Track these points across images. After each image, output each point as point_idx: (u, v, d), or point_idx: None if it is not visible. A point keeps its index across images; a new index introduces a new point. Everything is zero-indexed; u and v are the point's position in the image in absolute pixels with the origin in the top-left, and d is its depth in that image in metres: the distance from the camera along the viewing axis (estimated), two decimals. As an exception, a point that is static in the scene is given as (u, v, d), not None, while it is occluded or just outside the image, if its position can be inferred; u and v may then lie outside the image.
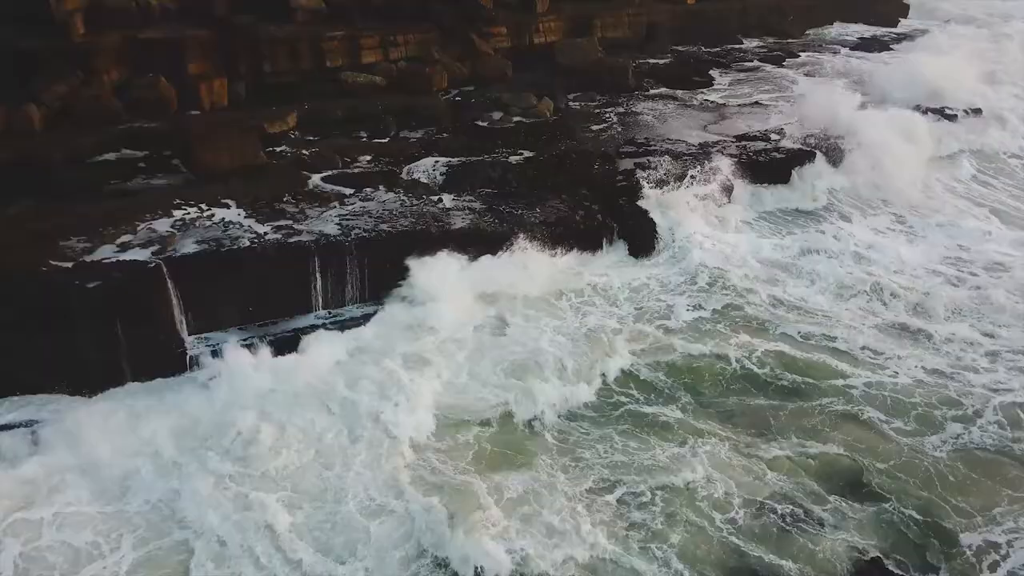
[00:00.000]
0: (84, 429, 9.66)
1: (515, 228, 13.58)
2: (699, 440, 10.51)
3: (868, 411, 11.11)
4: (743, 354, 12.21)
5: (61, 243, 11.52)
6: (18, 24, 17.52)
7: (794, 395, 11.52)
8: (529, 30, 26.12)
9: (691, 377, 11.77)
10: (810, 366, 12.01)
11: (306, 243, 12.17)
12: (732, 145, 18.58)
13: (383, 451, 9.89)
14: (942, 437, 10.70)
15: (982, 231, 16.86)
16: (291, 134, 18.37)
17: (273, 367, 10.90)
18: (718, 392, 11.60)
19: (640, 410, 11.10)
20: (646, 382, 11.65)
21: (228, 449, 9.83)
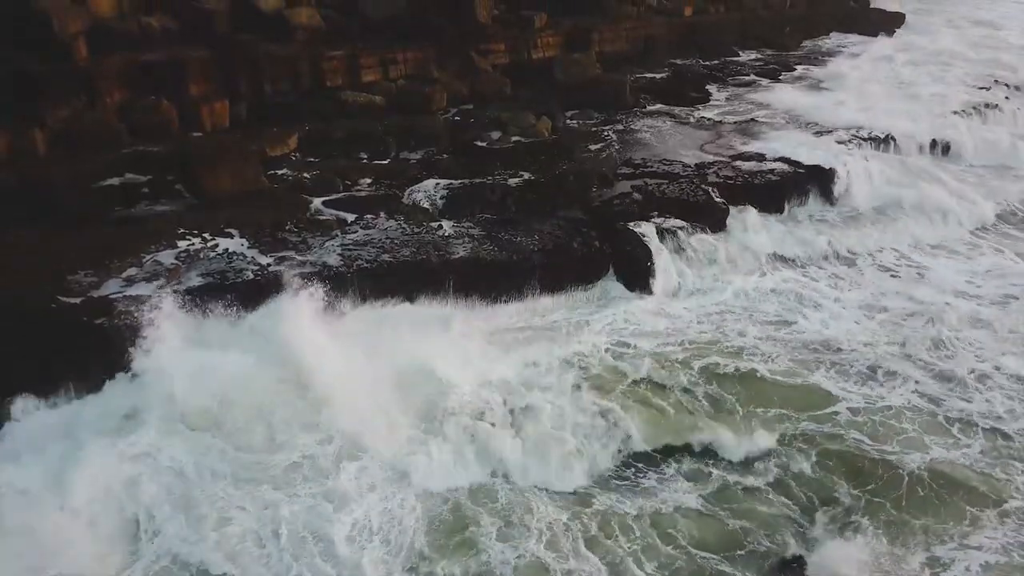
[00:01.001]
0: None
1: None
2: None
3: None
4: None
5: (69, 276, 11.70)
6: (22, 48, 17.65)
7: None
8: (527, 45, 26.35)
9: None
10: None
11: (309, 276, 12.36)
12: (727, 166, 18.81)
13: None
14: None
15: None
16: (292, 156, 18.59)
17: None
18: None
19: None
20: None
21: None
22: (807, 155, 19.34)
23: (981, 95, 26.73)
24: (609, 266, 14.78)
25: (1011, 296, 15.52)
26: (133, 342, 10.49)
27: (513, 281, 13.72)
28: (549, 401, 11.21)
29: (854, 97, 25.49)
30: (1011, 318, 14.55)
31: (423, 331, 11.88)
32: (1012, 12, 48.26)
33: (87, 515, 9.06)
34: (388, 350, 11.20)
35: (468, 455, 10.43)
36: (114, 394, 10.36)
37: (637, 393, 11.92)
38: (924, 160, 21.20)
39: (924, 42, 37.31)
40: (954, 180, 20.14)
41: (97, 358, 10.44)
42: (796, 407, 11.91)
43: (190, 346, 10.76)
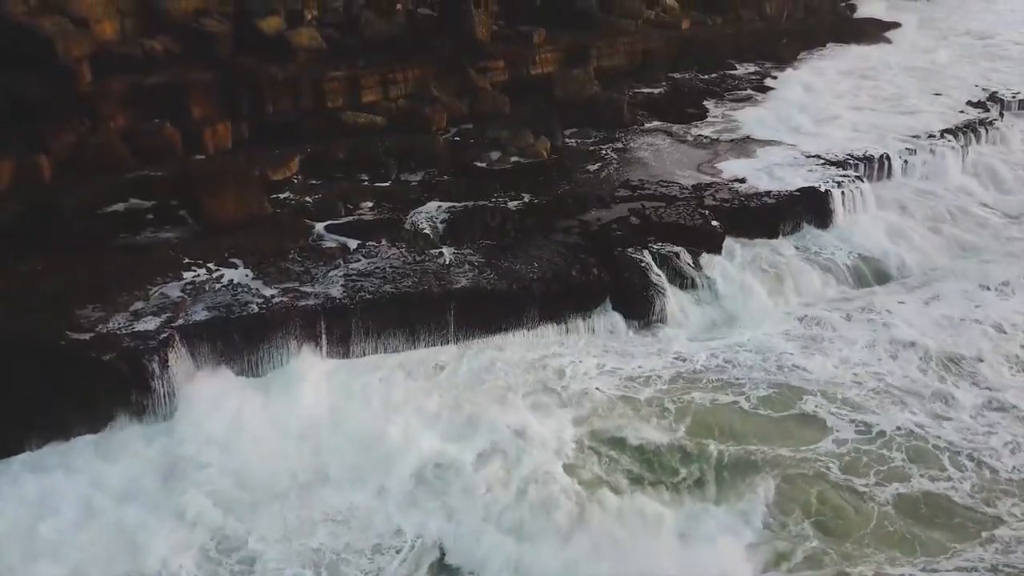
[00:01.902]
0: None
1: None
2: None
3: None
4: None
5: (77, 311, 11.91)
6: (26, 73, 17.84)
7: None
8: (526, 62, 26.55)
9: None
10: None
11: (313, 307, 12.60)
12: (724, 188, 19.04)
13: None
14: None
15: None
16: (294, 179, 18.80)
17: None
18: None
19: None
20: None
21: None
22: (801, 177, 19.60)
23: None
24: (607, 296, 14.95)
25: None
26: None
27: (512, 312, 13.94)
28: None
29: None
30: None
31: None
32: (1006, 20, 48.46)
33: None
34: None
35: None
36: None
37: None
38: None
39: (918, 52, 37.70)
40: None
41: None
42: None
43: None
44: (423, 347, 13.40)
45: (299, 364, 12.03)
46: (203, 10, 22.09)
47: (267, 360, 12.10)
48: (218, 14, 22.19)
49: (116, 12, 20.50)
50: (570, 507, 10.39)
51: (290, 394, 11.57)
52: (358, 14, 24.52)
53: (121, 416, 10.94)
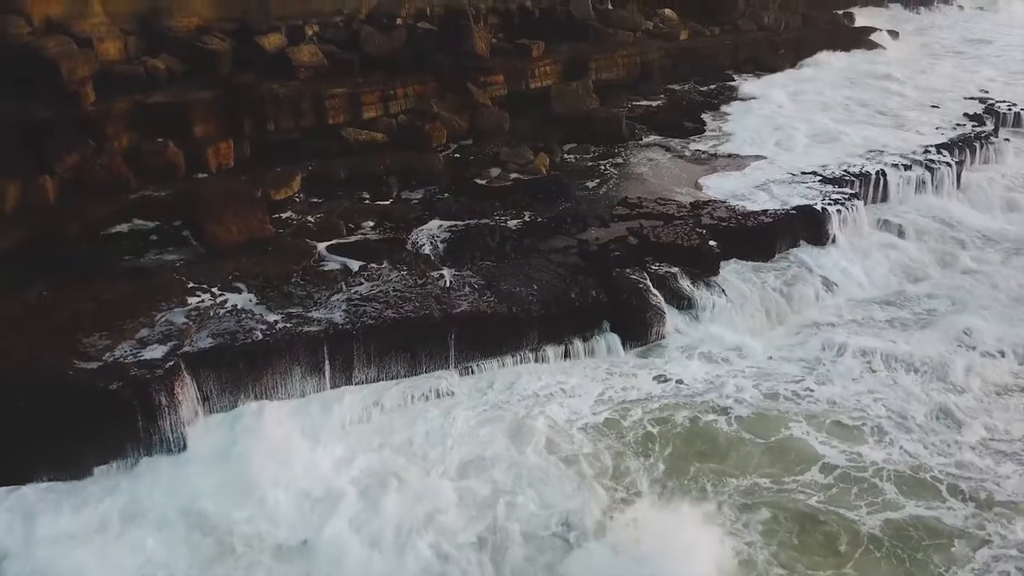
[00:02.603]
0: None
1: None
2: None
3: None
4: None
5: (84, 339, 12.10)
6: (30, 95, 18.02)
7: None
8: (525, 76, 26.87)
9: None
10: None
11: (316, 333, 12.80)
12: (721, 206, 19.24)
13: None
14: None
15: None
16: (296, 198, 19.00)
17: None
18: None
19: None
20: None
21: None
22: (798, 195, 19.81)
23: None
24: (605, 318, 15.14)
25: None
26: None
27: (512, 336, 14.15)
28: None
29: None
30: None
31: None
32: (997, 28, 48.81)
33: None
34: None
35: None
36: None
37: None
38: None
39: (913, 61, 38.01)
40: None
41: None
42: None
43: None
44: (424, 372, 13.57)
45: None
46: (205, 27, 22.33)
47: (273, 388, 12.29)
48: (219, 31, 22.43)
49: (119, 31, 20.74)
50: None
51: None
52: (358, 29, 24.76)
53: (130, 449, 11.09)
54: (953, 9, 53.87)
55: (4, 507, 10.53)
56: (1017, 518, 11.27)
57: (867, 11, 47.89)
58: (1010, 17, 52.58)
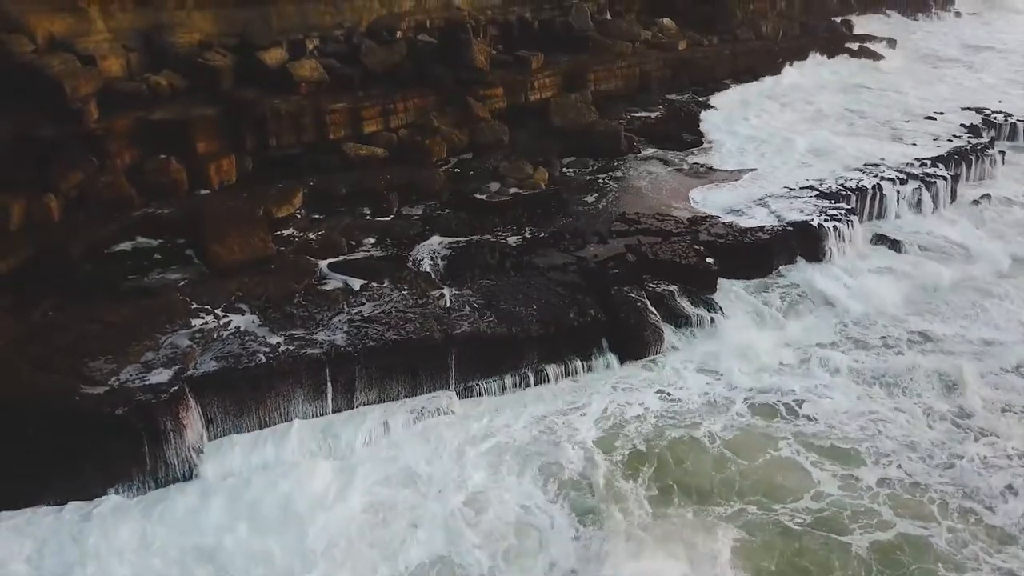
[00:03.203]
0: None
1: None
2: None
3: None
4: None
5: (90, 362, 12.28)
6: (34, 113, 18.19)
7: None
8: (524, 88, 27.01)
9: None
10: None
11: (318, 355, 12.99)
12: (718, 222, 19.41)
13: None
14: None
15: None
16: (297, 214, 19.17)
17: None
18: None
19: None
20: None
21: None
22: (796, 210, 19.98)
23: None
24: (603, 337, 15.32)
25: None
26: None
27: (512, 356, 14.34)
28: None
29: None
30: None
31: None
32: (995, 35, 48.93)
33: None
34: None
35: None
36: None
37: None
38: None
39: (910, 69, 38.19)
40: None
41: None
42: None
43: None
44: (425, 392, 13.75)
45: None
46: (206, 42, 22.49)
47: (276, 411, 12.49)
48: (221, 46, 22.59)
49: (121, 48, 20.92)
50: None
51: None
52: (359, 43, 24.92)
53: (135, 476, 11.28)
54: (950, 16, 54.05)
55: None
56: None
57: (865, 19, 48.03)
58: (1008, 24, 52.73)
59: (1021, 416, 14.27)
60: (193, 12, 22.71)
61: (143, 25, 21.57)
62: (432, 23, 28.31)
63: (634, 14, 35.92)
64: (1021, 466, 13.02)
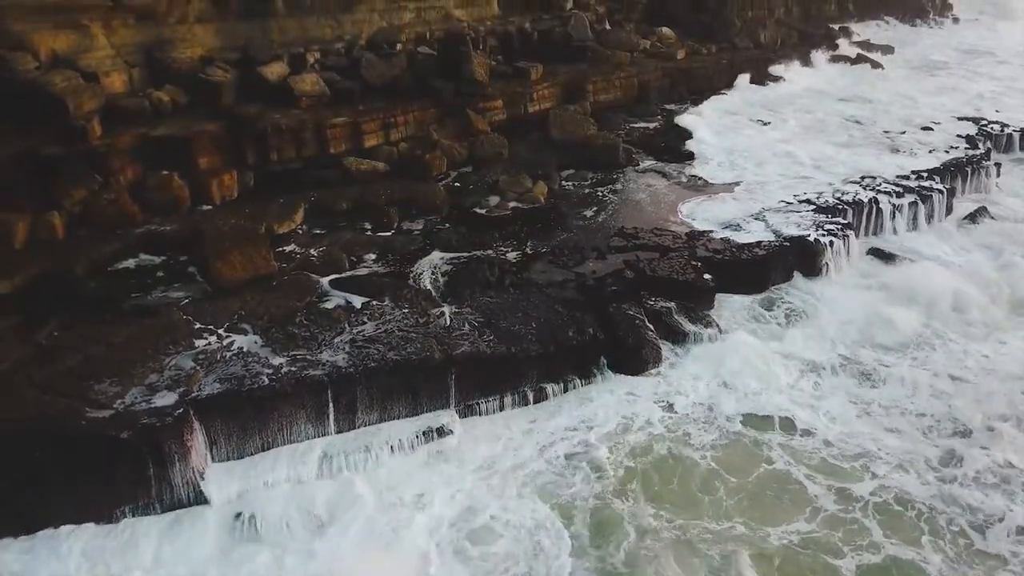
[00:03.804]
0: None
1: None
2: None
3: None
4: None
5: (95, 385, 12.45)
6: (38, 131, 18.36)
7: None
8: (524, 100, 27.24)
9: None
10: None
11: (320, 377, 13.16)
12: (715, 238, 19.57)
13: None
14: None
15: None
16: (298, 230, 19.34)
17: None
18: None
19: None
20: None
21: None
22: (793, 223, 20.13)
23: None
24: (602, 355, 15.50)
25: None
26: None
27: (511, 375, 14.53)
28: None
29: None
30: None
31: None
32: (992, 40, 49.11)
33: None
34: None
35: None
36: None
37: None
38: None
39: (908, 76, 38.38)
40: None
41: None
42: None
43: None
44: (425, 412, 13.93)
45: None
46: (208, 57, 22.66)
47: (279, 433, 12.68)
48: (222, 61, 22.76)
49: (124, 63, 21.07)
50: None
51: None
52: (359, 56, 25.09)
53: (140, 499, 11.46)
54: (948, 21, 54.24)
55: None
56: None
57: (863, 25, 48.24)
58: (1005, 30, 52.90)
59: (1015, 436, 14.40)
60: (194, 26, 22.88)
61: (145, 40, 21.73)
62: (432, 35, 28.51)
63: (633, 23, 36.16)
64: (1011, 486, 13.18)
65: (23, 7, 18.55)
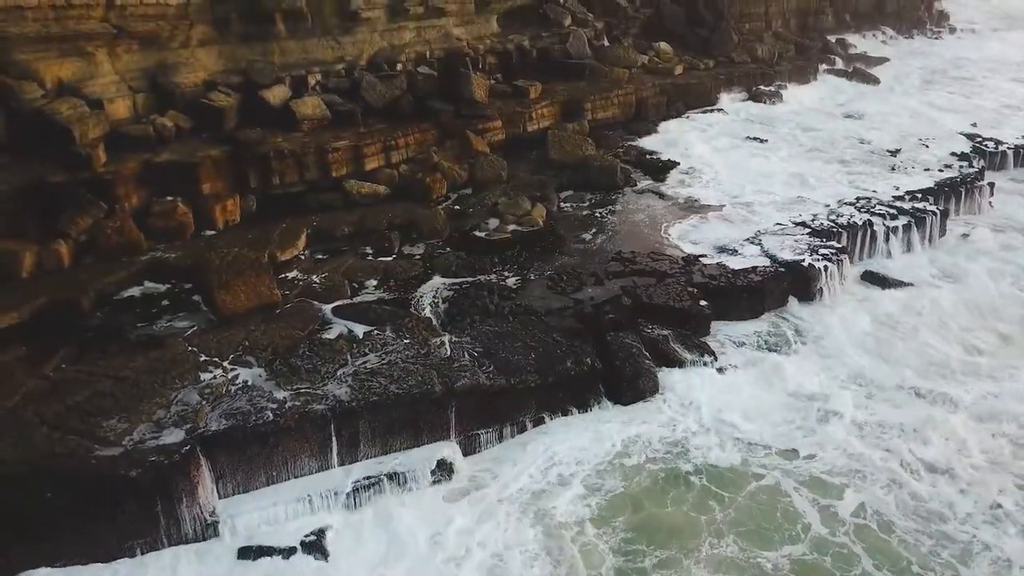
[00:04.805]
0: None
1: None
2: None
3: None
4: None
5: (103, 422, 12.73)
6: (44, 159, 18.63)
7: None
8: (523, 119, 27.55)
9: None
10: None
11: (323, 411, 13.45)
12: (712, 263, 19.85)
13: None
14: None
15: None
16: (301, 256, 19.62)
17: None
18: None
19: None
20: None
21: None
22: (788, 248, 20.42)
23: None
24: (600, 384, 15.79)
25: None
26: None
27: (510, 407, 14.83)
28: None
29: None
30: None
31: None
32: (989, 52, 49.35)
33: None
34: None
35: None
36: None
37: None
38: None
39: (904, 91, 38.70)
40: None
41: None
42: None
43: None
44: (426, 443, 14.21)
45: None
46: (211, 81, 22.93)
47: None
48: (225, 84, 23.04)
49: (128, 89, 21.35)
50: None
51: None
52: (360, 78, 25.38)
53: (148, 535, 11.75)
54: (945, 32, 54.51)
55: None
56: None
57: (860, 36, 48.49)
58: (1001, 40, 53.15)
59: (1007, 467, 14.67)
60: (197, 50, 23.15)
61: (149, 65, 22.00)
62: (432, 54, 28.77)
63: (631, 38, 36.41)
64: (993, 518, 13.47)
65: (29, 38, 18.78)
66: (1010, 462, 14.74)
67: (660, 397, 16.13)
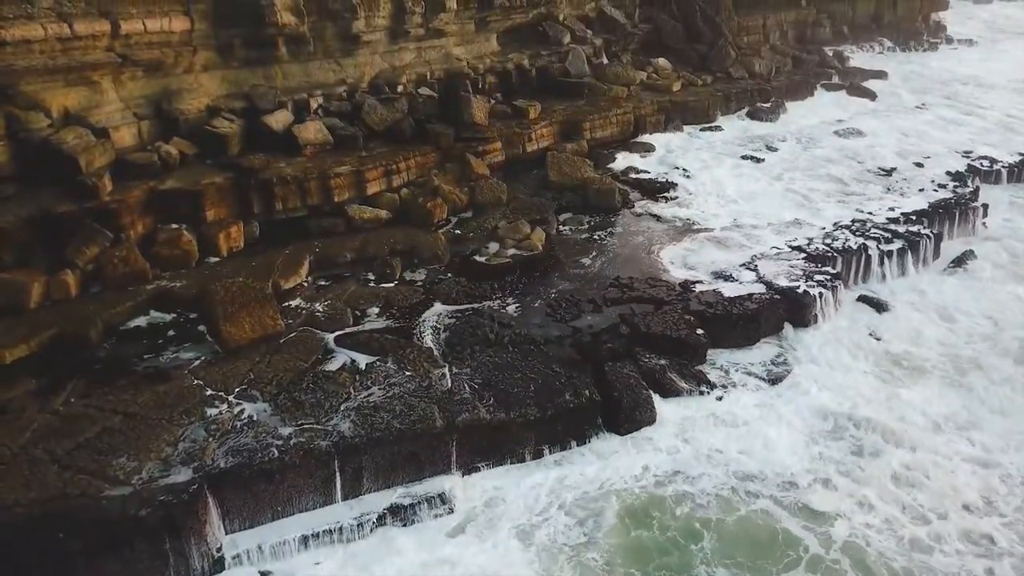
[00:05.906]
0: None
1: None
2: None
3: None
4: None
5: (113, 460, 13.04)
6: (50, 189, 18.92)
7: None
8: (522, 139, 27.83)
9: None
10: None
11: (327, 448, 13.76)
12: (709, 289, 20.15)
13: None
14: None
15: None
16: (304, 283, 19.92)
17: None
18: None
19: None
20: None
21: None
22: (783, 274, 20.73)
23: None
24: (598, 416, 16.10)
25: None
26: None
27: (510, 441, 15.15)
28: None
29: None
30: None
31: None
32: (989, 65, 49.62)
33: None
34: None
35: None
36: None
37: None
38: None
39: (902, 106, 38.99)
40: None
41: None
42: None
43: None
44: (428, 477, 14.52)
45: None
46: (214, 107, 23.21)
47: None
48: (228, 110, 23.33)
49: (133, 117, 21.63)
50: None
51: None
52: (361, 101, 25.66)
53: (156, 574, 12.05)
54: (942, 43, 54.78)
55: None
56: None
57: (858, 49, 48.78)
58: (999, 53, 53.44)
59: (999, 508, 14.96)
60: (200, 75, 23.43)
61: (153, 92, 22.27)
62: (433, 74, 29.08)
63: (629, 55, 36.71)
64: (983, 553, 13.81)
65: (36, 70, 19.05)
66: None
67: (658, 427, 16.44)
